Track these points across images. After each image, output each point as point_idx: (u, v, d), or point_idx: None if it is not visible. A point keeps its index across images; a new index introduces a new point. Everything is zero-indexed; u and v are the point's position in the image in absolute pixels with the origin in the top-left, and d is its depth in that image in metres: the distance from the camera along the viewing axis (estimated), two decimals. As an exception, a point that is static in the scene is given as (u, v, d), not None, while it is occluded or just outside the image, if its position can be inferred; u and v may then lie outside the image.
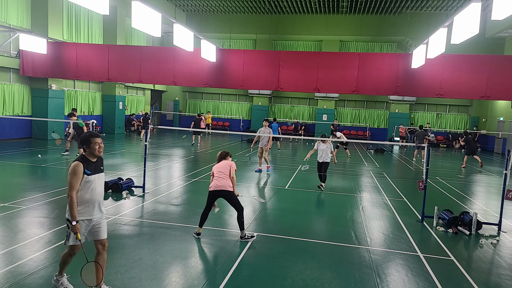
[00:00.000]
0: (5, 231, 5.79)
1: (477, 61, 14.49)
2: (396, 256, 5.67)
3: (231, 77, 16.09)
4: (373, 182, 11.63)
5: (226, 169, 6.00)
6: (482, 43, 23.06)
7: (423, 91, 15.19)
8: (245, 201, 8.59)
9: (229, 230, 6.42)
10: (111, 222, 6.47)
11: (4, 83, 16.86)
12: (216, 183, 5.91)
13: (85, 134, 3.96)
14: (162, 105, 32.04)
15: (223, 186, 5.85)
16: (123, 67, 16.55)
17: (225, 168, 6.01)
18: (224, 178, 5.92)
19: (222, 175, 5.94)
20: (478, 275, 5.16)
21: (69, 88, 20.33)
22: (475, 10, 8.65)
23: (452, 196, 10.17)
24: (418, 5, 24.28)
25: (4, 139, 16.74)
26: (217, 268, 4.90)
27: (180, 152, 16.28)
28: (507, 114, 22.53)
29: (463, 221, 7.12)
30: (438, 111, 28.30)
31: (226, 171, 5.99)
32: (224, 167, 6.02)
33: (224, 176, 5.94)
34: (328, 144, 10.11)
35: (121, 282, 4.37)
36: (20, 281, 4.24)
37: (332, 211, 8.32)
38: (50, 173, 10.53)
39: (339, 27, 27.35)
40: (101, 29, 22.13)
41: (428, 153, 7.44)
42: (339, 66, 15.22)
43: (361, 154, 19.23)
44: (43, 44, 15.95)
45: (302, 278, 4.75)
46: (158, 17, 10.87)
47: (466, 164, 15.89)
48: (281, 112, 30.51)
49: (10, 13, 16.51)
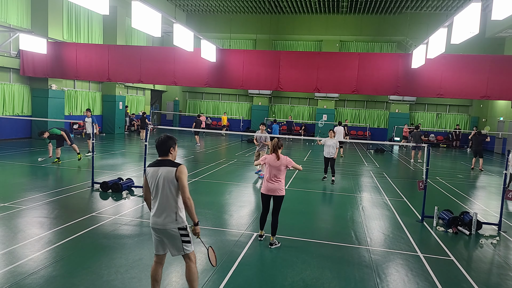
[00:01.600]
0: (5, 231, 5.79)
1: (477, 61, 14.48)
2: (396, 256, 5.67)
3: (231, 77, 16.09)
4: (373, 182, 11.62)
5: (282, 169, 5.69)
6: (482, 43, 23.06)
7: (423, 91, 15.19)
8: (245, 201, 8.59)
9: (229, 230, 6.42)
10: (111, 222, 6.48)
11: (4, 83, 16.86)
12: (268, 186, 5.69)
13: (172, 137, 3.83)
14: (162, 105, 32.04)
15: (274, 191, 5.67)
16: (123, 67, 16.55)
17: (281, 168, 5.68)
18: (277, 182, 5.67)
19: (275, 178, 5.67)
20: (478, 275, 5.16)
21: (69, 88, 20.34)
22: (475, 10, 8.65)
23: (452, 196, 10.17)
24: (418, 5, 24.29)
25: (4, 139, 16.74)
26: (217, 268, 4.89)
27: (180, 152, 16.26)
28: (507, 114, 22.53)
29: (463, 221, 7.12)
30: (438, 111, 28.30)
31: (281, 172, 5.68)
32: (279, 168, 5.67)
33: (277, 180, 5.68)
34: (336, 140, 11.05)
35: (121, 282, 4.37)
36: (20, 281, 4.24)
37: (332, 211, 8.32)
38: (50, 173, 10.53)
39: (339, 27, 27.36)
40: (101, 29, 22.13)
41: (428, 153, 7.44)
42: (339, 66, 15.22)
43: (361, 154, 19.23)
44: (43, 44, 15.95)
45: (302, 278, 4.75)
46: (158, 17, 10.87)
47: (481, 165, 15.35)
48: (281, 112, 30.50)
49: (10, 13, 16.52)
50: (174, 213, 3.65)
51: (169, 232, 3.65)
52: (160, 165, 3.69)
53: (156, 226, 3.67)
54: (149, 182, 3.71)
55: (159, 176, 3.64)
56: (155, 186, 3.66)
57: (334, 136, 11.58)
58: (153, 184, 3.68)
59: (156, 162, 3.75)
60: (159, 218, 3.65)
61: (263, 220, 5.96)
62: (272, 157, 5.74)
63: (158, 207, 3.66)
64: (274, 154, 5.73)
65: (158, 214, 3.66)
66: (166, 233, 3.66)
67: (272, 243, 5.74)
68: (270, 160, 5.74)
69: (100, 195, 8.30)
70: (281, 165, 5.69)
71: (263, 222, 5.97)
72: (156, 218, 3.66)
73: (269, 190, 5.70)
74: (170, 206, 3.64)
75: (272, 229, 5.77)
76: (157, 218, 3.65)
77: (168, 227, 3.63)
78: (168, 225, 3.63)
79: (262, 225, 5.99)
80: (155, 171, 3.67)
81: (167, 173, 3.62)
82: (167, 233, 3.66)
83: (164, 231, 3.66)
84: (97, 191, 8.62)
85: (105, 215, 6.86)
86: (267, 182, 5.74)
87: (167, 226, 3.63)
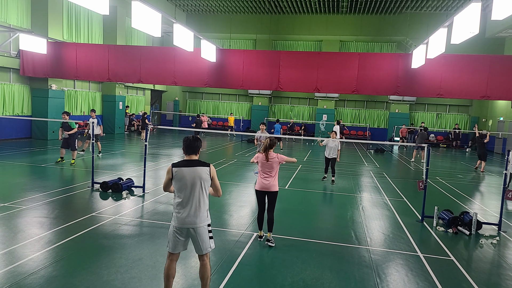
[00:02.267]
0: (5, 231, 5.79)
1: (477, 61, 14.48)
2: (396, 256, 5.67)
3: (231, 77, 16.09)
4: (373, 182, 11.63)
5: (274, 167, 5.77)
6: (482, 43, 23.05)
7: (423, 91, 15.18)
8: (245, 201, 8.59)
9: (229, 230, 6.42)
10: (111, 222, 6.48)
11: (4, 83, 16.86)
12: (262, 183, 5.75)
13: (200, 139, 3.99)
14: (162, 105, 32.04)
15: (268, 187, 5.73)
16: (123, 67, 16.55)
17: (273, 165, 5.77)
18: (270, 178, 5.74)
19: (268, 175, 5.75)
20: (478, 275, 5.16)
21: (69, 88, 20.33)
22: (475, 10, 8.65)
23: (452, 196, 10.17)
24: (418, 5, 24.29)
25: (4, 139, 16.74)
26: (217, 268, 4.90)
27: (180, 152, 16.26)
28: (507, 114, 22.53)
29: (463, 221, 7.12)
30: (438, 111, 28.30)
31: (273, 169, 5.77)
32: (271, 165, 5.76)
33: (270, 176, 5.75)
34: (337, 142, 11.11)
35: (121, 282, 4.37)
36: (20, 281, 4.24)
37: (332, 211, 8.31)
38: (50, 173, 10.53)
39: (339, 27, 27.36)
40: (101, 29, 22.13)
41: (428, 153, 7.44)
42: (339, 66, 15.21)
43: (361, 154, 19.23)
44: (43, 44, 15.95)
45: (302, 278, 4.75)
46: (158, 17, 10.87)
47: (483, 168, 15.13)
48: (281, 112, 30.51)
49: (10, 13, 16.52)
50: (206, 211, 3.84)
51: (201, 230, 3.78)
52: (192, 165, 3.80)
53: (189, 226, 3.75)
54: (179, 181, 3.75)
55: (192, 175, 3.74)
56: (189, 186, 3.74)
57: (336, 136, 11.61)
58: (185, 183, 3.74)
59: (185, 162, 3.84)
60: (193, 217, 3.74)
61: (261, 219, 5.96)
62: (263, 156, 5.82)
63: (192, 205, 3.75)
64: (263, 154, 5.81)
65: (192, 213, 3.74)
66: (198, 231, 3.77)
67: (270, 239, 5.77)
68: (261, 159, 5.83)
69: (100, 195, 8.30)
70: (273, 163, 5.78)
71: (261, 222, 5.97)
72: (189, 218, 3.74)
73: (263, 187, 5.76)
74: (204, 204, 3.81)
75: (269, 226, 5.80)
76: (191, 217, 3.74)
77: (202, 225, 3.78)
78: (202, 223, 3.78)
79: (260, 225, 5.99)
80: (188, 171, 3.75)
81: (201, 172, 3.76)
82: (199, 231, 3.77)
83: (196, 229, 3.76)
84: (97, 191, 8.62)
85: (105, 215, 6.87)
86: (260, 179, 5.80)
87: (201, 224, 3.78)
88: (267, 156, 5.78)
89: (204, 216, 3.81)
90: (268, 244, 5.74)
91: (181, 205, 3.76)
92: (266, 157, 5.78)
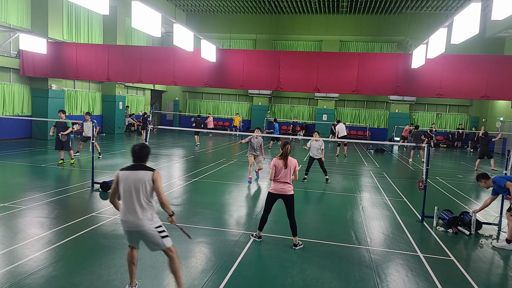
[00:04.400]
0: (5, 231, 5.79)
1: (477, 61, 14.47)
2: (396, 256, 5.67)
3: (231, 77, 16.08)
4: (373, 182, 11.62)
5: (290, 171, 5.77)
6: (482, 43, 23.04)
7: (423, 91, 15.18)
8: (245, 201, 8.60)
9: (229, 230, 6.42)
10: (111, 222, 6.48)
11: (4, 83, 16.86)
12: (278, 187, 5.73)
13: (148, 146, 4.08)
14: (162, 105, 32.04)
15: (284, 191, 5.72)
16: (123, 67, 16.54)
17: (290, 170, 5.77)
18: (287, 182, 5.74)
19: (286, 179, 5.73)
20: (478, 275, 5.16)
21: (69, 88, 20.34)
22: (475, 10, 8.65)
23: (452, 196, 10.17)
24: (418, 5, 24.29)
25: (4, 139, 16.74)
26: (217, 268, 4.90)
27: (180, 152, 16.27)
28: (507, 114, 22.53)
29: (463, 221, 7.12)
30: (438, 111, 28.30)
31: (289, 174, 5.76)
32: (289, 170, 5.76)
33: (287, 181, 5.74)
34: (321, 142, 10.97)
35: (121, 282, 4.37)
36: (20, 281, 4.24)
37: (332, 211, 8.31)
38: (50, 173, 10.53)
39: (339, 27, 27.36)
40: (101, 29, 22.13)
41: (428, 153, 7.44)
42: (339, 66, 15.21)
43: (361, 154, 19.23)
44: (43, 44, 15.94)
45: (302, 278, 4.75)
46: (158, 17, 10.86)
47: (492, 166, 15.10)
48: (281, 112, 30.51)
49: (10, 13, 16.51)
50: (151, 214, 3.86)
51: (148, 232, 3.82)
52: (135, 169, 3.89)
53: (134, 229, 3.81)
54: (121, 185, 3.84)
55: (133, 179, 3.81)
56: (131, 189, 3.80)
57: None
58: (128, 187, 3.81)
59: (131, 166, 3.94)
60: (137, 221, 3.78)
61: (264, 220, 5.93)
62: (281, 163, 5.75)
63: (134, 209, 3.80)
64: (283, 161, 5.75)
65: (135, 217, 3.79)
66: (145, 233, 3.82)
67: (296, 243, 5.72)
68: (280, 164, 5.76)
69: (100, 195, 8.30)
70: (290, 168, 5.78)
71: (263, 223, 5.94)
72: (132, 221, 3.79)
73: (279, 190, 5.72)
74: (148, 207, 3.85)
75: (293, 230, 5.76)
76: (134, 221, 3.79)
77: (147, 228, 3.81)
78: (147, 226, 3.81)
79: (261, 225, 5.96)
80: (130, 174, 3.85)
81: (143, 176, 3.83)
82: (146, 233, 3.82)
83: (142, 232, 3.82)
84: (97, 191, 8.62)
85: (105, 215, 6.87)
86: (277, 184, 5.75)
87: (146, 227, 3.81)
88: (286, 163, 5.75)
89: (148, 219, 3.81)
90: (295, 248, 5.66)
91: (125, 208, 3.83)
92: (286, 163, 5.75)
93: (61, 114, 11.88)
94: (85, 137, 13.22)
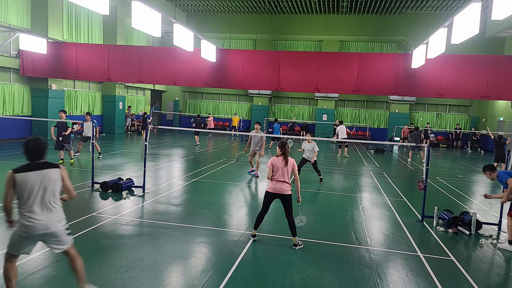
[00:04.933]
0: (5, 231, 5.78)
1: (477, 61, 14.48)
2: (396, 256, 5.67)
3: (231, 77, 16.09)
4: (373, 182, 11.62)
5: (288, 170, 5.75)
6: (482, 43, 23.05)
7: (423, 91, 15.19)
8: (245, 201, 8.60)
9: (229, 230, 6.42)
10: (111, 222, 6.48)
11: (4, 83, 16.86)
12: (276, 186, 5.70)
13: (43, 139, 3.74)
14: (162, 105, 32.04)
15: (282, 191, 5.69)
16: (123, 67, 16.55)
17: (289, 170, 5.75)
18: (285, 182, 5.69)
19: (283, 179, 5.69)
20: (478, 275, 5.16)
21: (69, 88, 20.34)
22: (475, 10, 8.65)
23: (452, 196, 10.17)
24: (418, 5, 24.29)
25: (4, 139, 16.74)
26: (217, 268, 4.90)
27: (180, 152, 16.27)
28: (507, 114, 22.53)
29: (463, 221, 7.12)
30: (438, 111, 28.30)
31: (288, 173, 5.75)
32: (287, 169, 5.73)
33: (285, 180, 5.70)
34: (313, 144, 10.89)
35: (121, 282, 4.37)
36: (20, 281, 4.24)
37: (332, 211, 8.31)
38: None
39: (339, 27, 27.36)
40: (101, 29, 22.13)
41: (428, 153, 7.44)
42: (339, 66, 15.22)
43: (361, 154, 19.23)
44: (43, 44, 15.95)
45: (302, 278, 4.75)
46: (158, 17, 10.87)
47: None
48: (281, 112, 30.51)
49: (10, 13, 16.52)
50: (61, 212, 3.73)
51: (57, 232, 3.65)
52: (39, 168, 3.61)
53: (42, 231, 3.56)
54: (24, 187, 3.53)
55: (40, 178, 3.57)
56: (39, 190, 3.56)
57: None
58: (33, 188, 3.54)
59: (30, 166, 3.61)
60: (47, 222, 3.58)
61: (260, 219, 5.92)
62: (281, 161, 5.73)
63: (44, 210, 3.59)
64: (284, 160, 5.73)
65: (45, 218, 3.58)
66: (54, 233, 3.64)
67: (296, 243, 5.69)
68: (279, 162, 5.73)
69: (100, 195, 8.29)
70: (289, 167, 5.76)
71: (259, 222, 5.93)
72: (42, 223, 3.56)
73: (277, 190, 5.70)
74: (57, 206, 3.70)
75: (292, 230, 5.73)
76: (44, 223, 3.57)
77: (57, 227, 3.65)
78: (57, 225, 3.65)
79: (257, 224, 5.95)
80: (35, 175, 3.56)
81: (50, 174, 3.62)
82: (55, 233, 3.64)
83: (52, 233, 3.62)
84: (97, 191, 8.62)
85: (105, 215, 6.86)
86: (275, 182, 5.73)
87: (56, 227, 3.64)
88: (286, 161, 5.73)
89: (59, 219, 3.70)
90: (295, 248, 5.64)
91: (31, 212, 3.55)
92: (286, 162, 5.73)
93: (62, 114, 11.87)
94: (85, 137, 13.22)
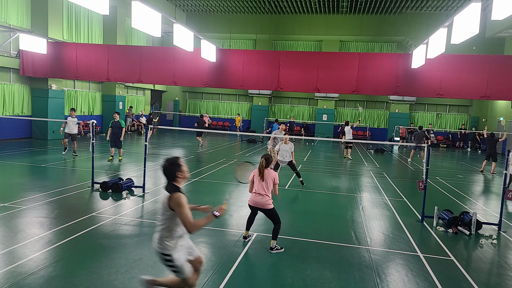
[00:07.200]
0: (5, 231, 5.79)
1: (477, 61, 14.48)
2: (396, 256, 5.67)
3: (231, 77, 16.09)
4: (373, 182, 11.62)
5: (268, 185, 5.61)
6: (482, 43, 23.05)
7: (423, 91, 15.18)
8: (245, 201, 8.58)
9: (229, 230, 6.42)
10: (111, 222, 6.48)
11: (4, 83, 16.86)
12: (255, 199, 5.62)
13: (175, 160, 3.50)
14: (162, 105, 32.04)
15: (261, 205, 5.61)
16: (123, 67, 16.55)
17: (267, 183, 5.61)
18: (265, 195, 5.58)
19: (261, 192, 5.57)
20: (478, 275, 5.16)
21: (69, 88, 20.33)
22: (475, 10, 8.65)
23: (452, 196, 10.17)
24: (418, 5, 24.28)
25: (4, 139, 16.74)
26: (217, 268, 4.90)
27: (180, 152, 16.26)
28: (507, 114, 22.52)
29: (463, 221, 7.12)
30: (438, 111, 28.30)
31: (267, 187, 5.61)
32: (265, 183, 5.59)
33: (264, 194, 5.58)
34: (291, 145, 10.40)
35: (121, 282, 4.37)
36: (20, 281, 4.24)
37: (332, 211, 8.31)
38: (50, 173, 10.53)
39: (339, 27, 27.35)
40: (101, 29, 22.12)
41: (428, 153, 7.44)
42: (339, 66, 15.21)
43: (361, 154, 19.23)
44: (43, 44, 15.95)
45: (302, 278, 4.75)
46: (158, 17, 10.87)
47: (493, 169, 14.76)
48: (281, 112, 30.51)
49: (10, 13, 16.51)
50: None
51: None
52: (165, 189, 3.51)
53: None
54: None
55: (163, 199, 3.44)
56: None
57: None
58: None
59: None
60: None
61: (250, 221, 5.95)
62: (258, 175, 5.65)
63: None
64: (259, 173, 5.61)
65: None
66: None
67: (272, 247, 5.57)
68: (256, 175, 5.67)
69: (100, 195, 8.29)
70: (268, 181, 5.62)
71: (249, 223, 5.96)
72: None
73: (256, 203, 5.66)
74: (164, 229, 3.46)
75: (273, 234, 5.65)
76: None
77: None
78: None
79: (248, 225, 5.97)
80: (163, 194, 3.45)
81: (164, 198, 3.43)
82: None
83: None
84: (97, 191, 8.62)
85: (105, 215, 6.87)
86: (254, 195, 5.67)
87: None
88: (262, 175, 5.59)
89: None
90: (271, 252, 5.52)
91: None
92: (262, 176, 5.59)
93: (116, 115, 12.94)
94: (68, 134, 13.52)
